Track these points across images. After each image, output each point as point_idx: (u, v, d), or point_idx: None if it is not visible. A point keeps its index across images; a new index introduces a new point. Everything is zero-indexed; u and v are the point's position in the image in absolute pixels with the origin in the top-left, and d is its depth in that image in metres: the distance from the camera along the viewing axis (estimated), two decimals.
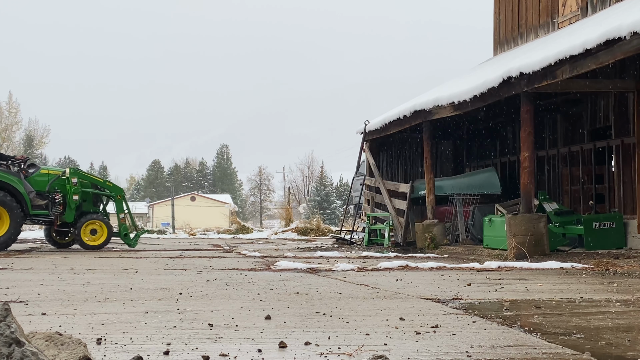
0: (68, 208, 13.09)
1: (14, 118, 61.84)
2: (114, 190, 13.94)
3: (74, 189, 13.11)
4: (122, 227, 13.67)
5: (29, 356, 2.15)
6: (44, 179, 13.11)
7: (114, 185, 14.19)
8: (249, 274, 7.37)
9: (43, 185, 13.00)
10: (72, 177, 13.25)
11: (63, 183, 13.17)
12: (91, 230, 13.22)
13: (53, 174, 13.31)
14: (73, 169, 13.74)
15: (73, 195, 13.10)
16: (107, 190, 13.82)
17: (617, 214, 11.33)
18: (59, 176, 13.27)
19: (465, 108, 11.99)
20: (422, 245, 13.47)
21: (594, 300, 4.88)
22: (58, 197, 12.93)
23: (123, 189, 14.44)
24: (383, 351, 2.88)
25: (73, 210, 13.12)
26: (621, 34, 8.06)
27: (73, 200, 13.07)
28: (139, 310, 4.21)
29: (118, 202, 13.79)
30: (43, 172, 13.31)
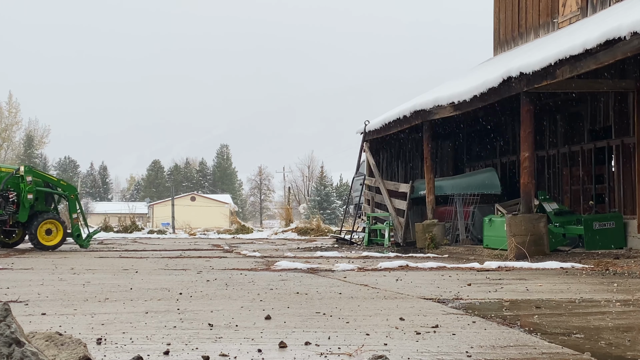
0: (22, 207, 12.73)
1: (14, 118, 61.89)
2: (68, 189, 13.65)
3: (28, 187, 12.73)
4: (75, 227, 13.42)
5: (29, 356, 2.15)
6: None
7: (67, 185, 13.91)
8: (249, 274, 7.36)
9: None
10: (27, 176, 12.86)
11: (17, 181, 12.85)
12: (46, 230, 12.95)
13: (6, 171, 13.02)
14: (28, 166, 13.42)
15: (27, 194, 12.73)
16: (60, 189, 13.56)
17: (617, 214, 11.33)
18: (13, 174, 12.93)
19: (465, 108, 11.98)
20: (422, 245, 13.47)
21: (594, 300, 4.88)
22: (12, 196, 12.62)
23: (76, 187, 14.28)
24: (383, 351, 2.88)
25: (27, 210, 12.78)
26: (621, 34, 8.06)
27: (27, 199, 12.71)
28: (139, 310, 4.21)
29: (71, 201, 13.51)
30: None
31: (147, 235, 25.06)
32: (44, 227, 12.86)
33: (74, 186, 14.01)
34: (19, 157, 65.68)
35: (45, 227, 12.88)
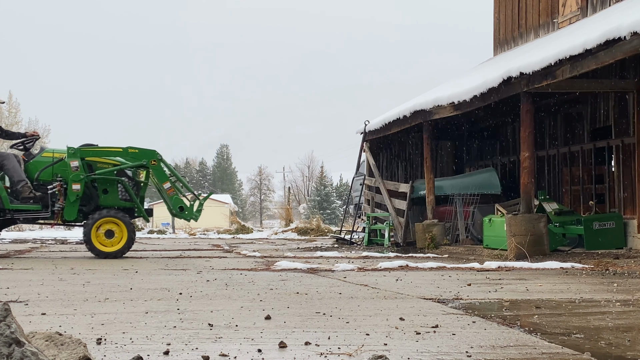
0: (67, 202, 10.09)
1: (14, 118, 61.85)
2: (142, 156, 10.36)
3: (72, 175, 10.03)
4: (173, 199, 10.38)
5: (29, 356, 2.15)
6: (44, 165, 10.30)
7: (141, 150, 10.44)
8: (249, 274, 7.37)
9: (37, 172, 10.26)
10: (70, 160, 10.12)
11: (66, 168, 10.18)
12: (106, 232, 10.08)
13: (57, 157, 10.35)
14: (73, 148, 10.26)
15: (72, 185, 10.02)
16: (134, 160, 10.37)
17: (617, 214, 11.33)
18: (62, 159, 10.24)
19: (465, 108, 11.99)
20: (422, 245, 13.47)
21: (594, 300, 4.88)
22: (55, 187, 10.08)
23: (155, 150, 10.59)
24: (383, 351, 2.88)
25: (74, 205, 10.09)
26: (621, 34, 8.06)
27: (72, 191, 10.01)
28: (139, 310, 4.21)
29: (155, 169, 10.36)
30: (45, 155, 10.41)
31: (147, 235, 25.07)
32: (103, 227, 10.07)
33: (150, 150, 10.51)
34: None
35: (105, 227, 10.07)
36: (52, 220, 10.36)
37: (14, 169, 10.08)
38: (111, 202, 10.31)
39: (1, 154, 10.23)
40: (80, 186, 10.05)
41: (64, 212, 10.15)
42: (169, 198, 10.42)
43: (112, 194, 10.34)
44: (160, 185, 10.42)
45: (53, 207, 10.13)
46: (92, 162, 10.30)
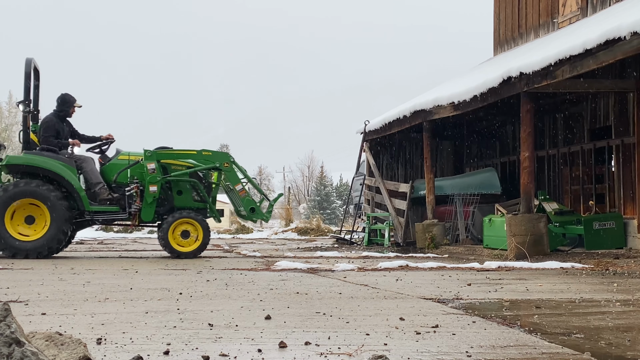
0: (144, 203, 10.29)
1: (14, 118, 61.88)
2: (216, 158, 10.67)
3: (149, 177, 10.22)
4: (245, 201, 10.67)
5: (29, 356, 2.15)
6: (120, 167, 10.54)
7: (214, 153, 10.81)
8: (249, 274, 7.37)
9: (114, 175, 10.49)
10: (147, 162, 10.29)
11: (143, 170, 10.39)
12: (182, 233, 10.31)
13: (133, 159, 10.56)
14: (149, 150, 10.44)
15: (149, 186, 10.24)
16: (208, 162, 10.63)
17: (617, 214, 11.33)
18: (138, 162, 10.46)
19: (465, 108, 11.99)
20: (422, 245, 13.48)
21: (594, 300, 4.88)
22: (132, 189, 10.29)
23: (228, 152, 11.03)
24: (383, 351, 2.88)
25: (151, 206, 10.32)
26: (621, 34, 8.06)
27: (149, 192, 10.23)
28: (139, 310, 4.21)
29: (228, 171, 10.62)
30: (122, 157, 10.64)
31: (147, 235, 25.05)
32: (179, 227, 10.30)
33: (223, 152, 11.03)
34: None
35: (181, 227, 10.30)
36: (129, 221, 10.58)
37: (92, 172, 10.39)
38: (185, 203, 10.60)
39: (80, 157, 10.50)
40: (157, 188, 10.31)
41: (141, 214, 10.39)
42: (240, 199, 10.71)
43: (185, 195, 10.63)
44: (232, 186, 10.71)
45: (130, 208, 10.35)
46: (167, 164, 10.56)
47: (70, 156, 10.39)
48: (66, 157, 10.31)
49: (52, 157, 10.19)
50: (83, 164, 10.43)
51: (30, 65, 10.35)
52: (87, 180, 10.36)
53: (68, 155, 10.37)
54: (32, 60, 10.38)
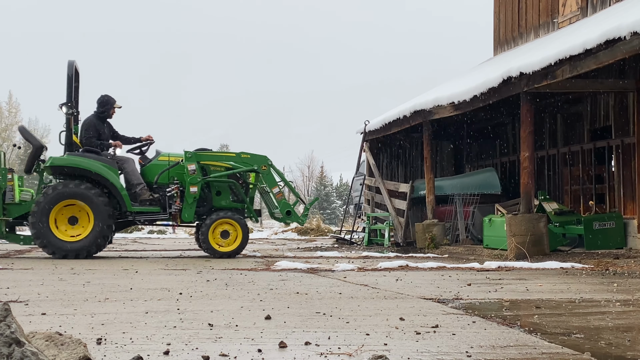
0: (185, 204, 10.39)
1: (14, 118, 61.87)
2: (255, 161, 10.77)
3: (190, 178, 10.34)
4: (281, 203, 10.80)
5: (29, 356, 2.15)
6: (160, 168, 10.64)
7: (252, 155, 10.87)
8: (249, 274, 7.37)
9: (156, 175, 10.59)
10: (188, 163, 10.42)
11: (184, 172, 10.51)
12: (222, 233, 10.40)
13: (173, 160, 10.67)
14: (190, 152, 10.59)
15: (190, 187, 10.36)
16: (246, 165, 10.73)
17: (617, 214, 11.33)
18: (178, 163, 10.59)
19: (465, 108, 11.99)
20: (422, 245, 13.48)
21: (594, 300, 4.88)
22: (173, 190, 10.37)
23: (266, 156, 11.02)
24: (383, 351, 2.88)
25: (192, 207, 10.41)
26: (621, 34, 8.06)
27: (190, 193, 10.34)
28: (139, 310, 4.21)
29: (266, 174, 10.75)
30: (162, 158, 10.75)
31: (147, 235, 25.03)
32: (219, 227, 10.38)
33: (262, 155, 10.96)
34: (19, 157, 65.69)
35: (221, 228, 10.38)
36: (170, 221, 10.71)
37: (133, 172, 10.52)
38: (224, 203, 10.71)
39: (121, 158, 10.63)
40: (198, 189, 10.43)
41: (181, 214, 10.47)
42: (277, 202, 10.87)
43: (224, 195, 10.76)
44: (269, 189, 10.87)
45: (170, 209, 10.44)
46: (206, 165, 10.70)
47: (112, 157, 10.50)
48: (108, 159, 10.42)
49: (94, 159, 10.30)
50: (124, 164, 10.55)
51: (72, 67, 10.45)
52: (128, 181, 10.48)
53: (110, 157, 10.48)
54: (74, 63, 10.48)
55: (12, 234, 10.83)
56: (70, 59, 10.52)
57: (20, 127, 10.74)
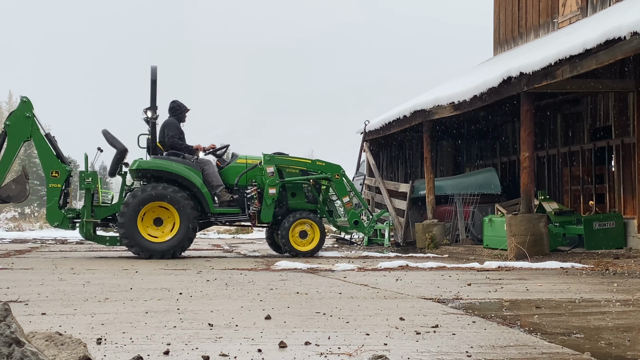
0: (264, 205, 10.74)
1: None
2: (328, 169, 11.18)
3: (269, 180, 10.73)
4: (350, 213, 11.14)
5: (29, 356, 2.15)
6: (239, 170, 10.98)
7: (327, 164, 11.34)
8: (249, 273, 7.37)
9: (235, 177, 10.92)
10: (267, 166, 10.82)
11: (262, 174, 10.91)
12: (300, 233, 10.79)
13: (250, 163, 11.03)
14: (268, 155, 11.04)
15: (269, 189, 10.72)
16: (320, 172, 11.15)
17: (617, 214, 11.33)
18: (256, 166, 10.98)
19: (465, 108, 11.99)
20: (422, 245, 13.48)
21: (594, 300, 4.88)
22: (252, 192, 10.73)
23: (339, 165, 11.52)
24: (383, 351, 2.88)
25: (270, 208, 10.75)
26: (621, 34, 8.06)
27: (269, 195, 10.70)
28: (139, 310, 4.21)
29: (338, 182, 11.12)
30: (239, 161, 11.11)
31: None
32: (297, 227, 10.78)
33: (336, 165, 11.44)
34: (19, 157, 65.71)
35: (299, 228, 10.78)
36: (249, 222, 11.02)
37: (213, 174, 10.81)
38: (299, 204, 11.12)
39: (202, 160, 10.96)
40: (276, 190, 10.82)
41: (261, 215, 10.82)
42: (345, 211, 11.26)
43: (299, 197, 11.18)
44: (340, 197, 11.24)
45: (249, 210, 10.78)
46: (281, 168, 11.09)
47: (195, 160, 10.82)
48: (191, 161, 10.74)
49: (179, 162, 10.64)
50: (205, 166, 10.83)
51: (155, 72, 10.74)
52: (208, 183, 10.76)
53: (194, 160, 10.79)
54: (156, 68, 10.76)
55: (98, 235, 11.18)
56: (152, 65, 10.83)
57: (104, 131, 10.96)
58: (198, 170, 10.68)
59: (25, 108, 10.59)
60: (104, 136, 10.95)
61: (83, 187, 10.61)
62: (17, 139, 10.58)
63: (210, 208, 10.62)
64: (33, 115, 10.56)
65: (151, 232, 10.33)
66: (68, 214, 10.66)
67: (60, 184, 10.61)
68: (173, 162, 10.58)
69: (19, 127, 10.52)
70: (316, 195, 11.23)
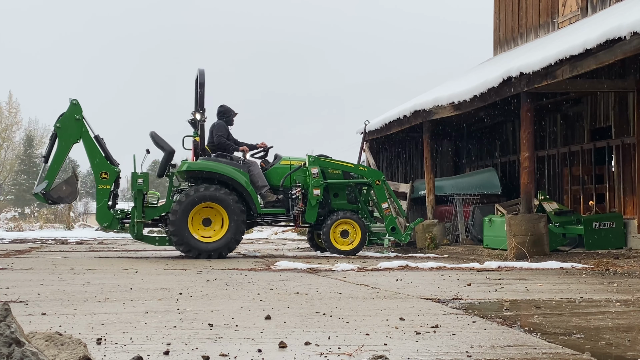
0: (308, 205, 10.93)
1: (14, 118, 61.84)
2: (371, 174, 11.48)
3: (313, 181, 10.90)
4: (388, 219, 11.33)
5: (29, 356, 2.15)
6: (283, 171, 11.16)
7: (369, 169, 11.78)
8: (249, 273, 7.37)
9: (280, 179, 11.09)
10: (311, 167, 11.01)
11: (305, 175, 11.08)
12: (342, 232, 11.01)
13: (294, 165, 11.21)
14: (313, 157, 11.26)
15: (313, 190, 10.91)
16: (362, 176, 11.42)
17: (617, 214, 11.33)
18: (300, 167, 11.15)
19: (465, 108, 11.99)
20: (422, 245, 13.47)
21: (594, 300, 4.88)
22: (296, 192, 10.92)
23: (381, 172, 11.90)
24: (383, 351, 2.88)
25: (314, 208, 10.95)
26: (621, 34, 8.06)
27: (313, 195, 10.88)
28: (139, 310, 4.21)
29: (378, 189, 11.32)
30: (284, 162, 11.28)
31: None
32: (339, 227, 11.00)
33: (377, 171, 11.91)
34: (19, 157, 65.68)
35: (340, 228, 11.01)
36: (294, 222, 11.20)
37: (259, 175, 10.99)
38: (340, 205, 11.34)
39: (248, 161, 11.11)
40: (320, 191, 11.00)
41: (305, 215, 11.03)
42: (384, 216, 11.39)
43: (341, 197, 11.40)
44: (378, 203, 11.40)
45: (293, 210, 11.00)
46: (324, 169, 11.29)
47: (242, 161, 11.01)
48: (239, 163, 10.92)
49: (227, 163, 10.83)
50: (250, 167, 11.00)
51: (203, 75, 11.01)
52: (253, 183, 10.92)
53: (241, 161, 10.98)
54: (204, 71, 11.02)
55: (147, 235, 11.37)
56: (200, 68, 11.04)
57: (152, 133, 11.15)
58: (245, 171, 10.85)
59: (74, 110, 10.73)
60: (151, 138, 11.11)
61: (135, 188, 10.76)
62: (67, 141, 10.73)
63: (257, 209, 10.82)
64: (82, 118, 10.70)
65: (201, 233, 10.52)
66: (117, 215, 10.85)
67: (110, 185, 10.79)
68: (222, 164, 10.77)
69: (69, 130, 10.66)
70: (358, 195, 11.45)
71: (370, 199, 11.75)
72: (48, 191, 10.68)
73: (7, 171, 62.39)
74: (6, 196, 61.67)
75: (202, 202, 10.45)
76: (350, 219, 11.01)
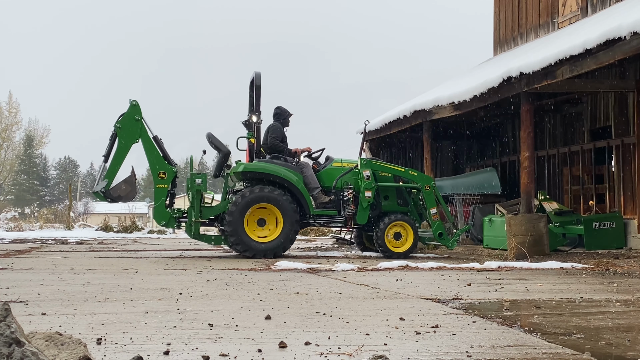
0: (360, 207, 10.98)
1: (14, 118, 61.83)
2: (420, 180, 11.43)
3: (365, 184, 10.93)
4: (436, 224, 11.24)
5: (29, 356, 2.15)
6: (334, 173, 11.22)
7: (419, 174, 11.66)
8: (249, 274, 7.37)
9: (331, 180, 11.15)
10: (363, 170, 11.06)
11: (356, 177, 11.11)
12: (395, 234, 10.97)
13: (346, 167, 11.27)
14: (365, 159, 11.38)
15: (365, 192, 10.97)
16: (412, 181, 11.41)
17: (617, 214, 11.33)
18: (352, 169, 11.21)
19: (465, 108, 11.99)
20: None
21: (594, 300, 4.88)
22: (348, 194, 10.95)
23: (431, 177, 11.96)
24: (383, 351, 2.88)
25: (366, 210, 10.99)
26: (621, 34, 8.06)
27: (365, 197, 10.93)
28: (139, 310, 4.21)
29: (427, 194, 11.30)
30: (335, 164, 11.37)
31: (147, 235, 25.03)
32: (392, 229, 10.95)
33: (427, 176, 11.95)
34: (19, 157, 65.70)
35: (393, 230, 10.97)
36: (345, 224, 11.26)
37: (311, 177, 11.10)
38: (391, 207, 11.32)
39: (302, 163, 11.23)
40: (372, 193, 10.99)
41: (356, 217, 11.01)
42: (432, 222, 11.34)
43: (391, 200, 11.38)
44: (428, 209, 11.34)
45: (344, 212, 11.04)
46: (375, 172, 11.30)
47: (297, 163, 11.11)
48: (292, 164, 11.01)
49: (281, 165, 10.92)
50: (303, 169, 11.13)
51: (259, 78, 11.08)
52: (306, 185, 11.00)
53: (295, 163, 11.08)
54: (260, 74, 11.10)
55: (203, 234, 11.42)
56: (256, 71, 11.09)
57: (208, 134, 11.30)
58: (299, 172, 10.97)
59: (134, 111, 10.85)
60: (207, 139, 11.22)
61: (193, 188, 10.85)
62: (127, 141, 10.83)
63: (310, 210, 10.89)
64: (142, 118, 10.82)
65: (256, 233, 10.63)
66: (174, 214, 10.97)
67: (167, 184, 10.95)
68: (277, 165, 10.87)
69: (128, 130, 10.78)
70: (408, 198, 11.48)
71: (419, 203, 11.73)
72: (108, 190, 10.84)
73: (7, 171, 62.39)
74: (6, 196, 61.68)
75: (259, 203, 10.59)
76: (403, 221, 11.01)
